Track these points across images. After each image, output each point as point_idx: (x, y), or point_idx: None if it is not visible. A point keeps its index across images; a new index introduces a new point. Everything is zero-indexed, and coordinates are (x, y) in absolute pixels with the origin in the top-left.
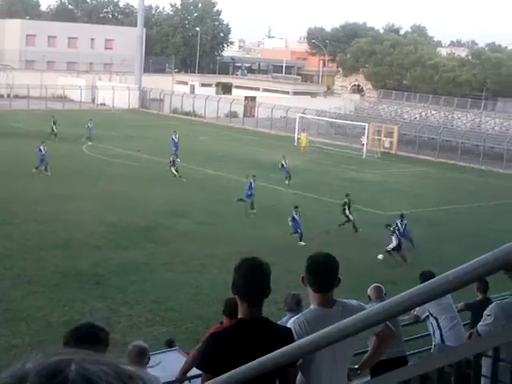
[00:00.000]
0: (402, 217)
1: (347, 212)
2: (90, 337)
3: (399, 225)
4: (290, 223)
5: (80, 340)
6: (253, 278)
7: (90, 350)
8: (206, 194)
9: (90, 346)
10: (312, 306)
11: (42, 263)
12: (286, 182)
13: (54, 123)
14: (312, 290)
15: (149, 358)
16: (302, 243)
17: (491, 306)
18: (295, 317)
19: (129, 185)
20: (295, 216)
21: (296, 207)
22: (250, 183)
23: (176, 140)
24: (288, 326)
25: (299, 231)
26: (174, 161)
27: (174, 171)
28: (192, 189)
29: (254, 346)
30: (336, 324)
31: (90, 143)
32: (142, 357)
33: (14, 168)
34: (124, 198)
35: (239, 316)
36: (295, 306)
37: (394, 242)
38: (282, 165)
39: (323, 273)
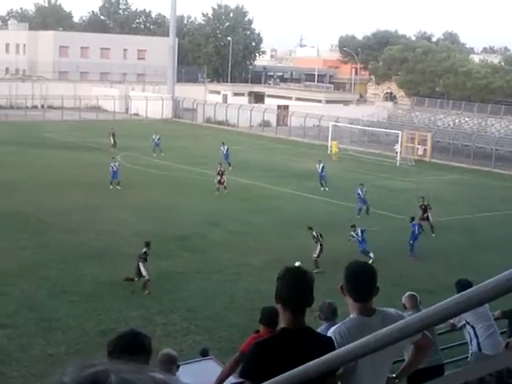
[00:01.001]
0: (353, 226)
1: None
2: (134, 345)
3: (358, 233)
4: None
5: (125, 348)
6: (297, 287)
7: (135, 358)
8: (239, 203)
9: (135, 354)
10: (352, 315)
11: (78, 273)
12: (322, 188)
13: (113, 135)
14: (351, 299)
15: (178, 366)
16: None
17: None
18: (336, 326)
19: (162, 194)
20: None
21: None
22: (359, 192)
23: (225, 152)
24: (328, 335)
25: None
26: (222, 172)
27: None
28: (226, 198)
29: (297, 355)
30: (375, 333)
31: (154, 154)
32: (171, 365)
33: (48, 178)
34: (158, 207)
35: (282, 325)
36: (331, 314)
37: (317, 250)
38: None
39: (362, 282)
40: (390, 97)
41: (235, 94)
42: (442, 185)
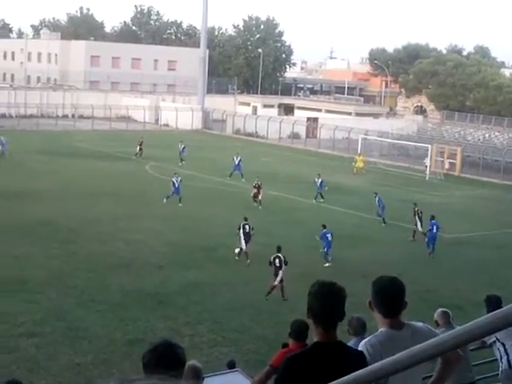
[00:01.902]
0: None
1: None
2: (169, 357)
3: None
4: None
5: (160, 360)
6: (331, 302)
7: (171, 372)
8: (268, 214)
9: (171, 367)
10: (382, 329)
11: (106, 282)
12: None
13: (141, 144)
14: (380, 314)
15: (203, 379)
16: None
17: None
18: (367, 339)
19: (190, 205)
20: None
21: None
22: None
23: (236, 162)
24: (359, 348)
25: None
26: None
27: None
28: (254, 209)
29: (330, 369)
30: (409, 350)
31: (180, 164)
32: (196, 377)
33: (78, 187)
34: (186, 217)
35: (314, 339)
36: (361, 329)
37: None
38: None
39: (391, 297)
40: (420, 110)
41: (265, 106)
42: (471, 200)
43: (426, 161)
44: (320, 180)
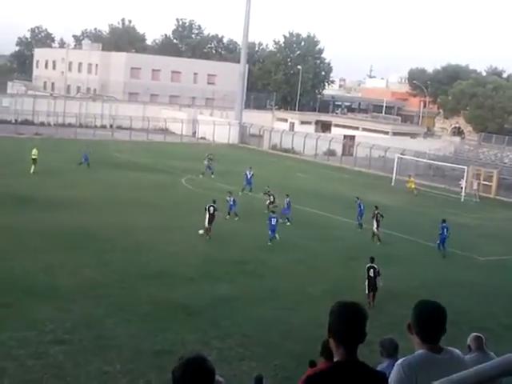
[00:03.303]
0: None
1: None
2: (202, 373)
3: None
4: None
5: (193, 377)
6: (353, 323)
7: None
8: (301, 230)
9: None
10: (421, 351)
11: (137, 292)
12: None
13: (211, 159)
14: (420, 339)
15: None
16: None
17: None
18: (403, 358)
19: (225, 220)
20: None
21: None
22: (443, 229)
23: (249, 176)
24: (395, 367)
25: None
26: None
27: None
28: (288, 225)
29: None
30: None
31: (212, 176)
32: None
33: (115, 197)
34: (218, 230)
35: (335, 359)
36: (393, 351)
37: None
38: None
39: (433, 324)
40: (458, 131)
41: (302, 122)
42: (506, 222)
43: (461, 182)
44: (359, 202)
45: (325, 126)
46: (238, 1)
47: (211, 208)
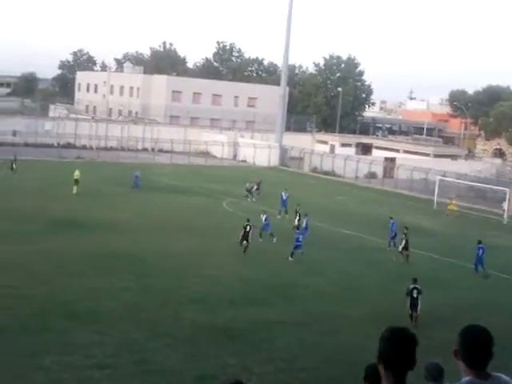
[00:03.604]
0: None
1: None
2: None
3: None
4: None
5: None
6: (404, 350)
7: None
8: (341, 253)
9: None
10: (468, 377)
11: (179, 316)
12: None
13: (258, 184)
14: (466, 365)
15: None
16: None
17: None
18: None
19: (263, 241)
20: None
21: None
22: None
23: (285, 197)
24: None
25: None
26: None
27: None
28: (327, 248)
29: None
30: None
31: (252, 200)
32: None
33: (155, 221)
34: (258, 254)
35: None
36: (438, 375)
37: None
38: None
39: (480, 350)
40: (499, 153)
41: (343, 145)
42: None
43: (504, 204)
44: (392, 222)
45: (365, 149)
46: (278, 23)
47: (247, 226)
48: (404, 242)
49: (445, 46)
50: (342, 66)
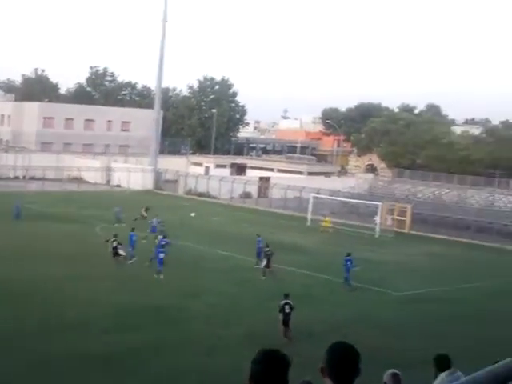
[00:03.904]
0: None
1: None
2: None
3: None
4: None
5: None
6: (275, 372)
7: None
8: (217, 274)
9: None
10: None
11: (53, 346)
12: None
13: (146, 210)
14: (332, 382)
15: None
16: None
17: None
18: None
19: (138, 265)
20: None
21: None
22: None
23: (155, 223)
24: None
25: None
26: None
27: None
28: (203, 270)
29: None
30: None
31: (116, 225)
32: None
33: (26, 249)
34: (135, 278)
35: None
36: None
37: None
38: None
39: (346, 367)
40: (372, 168)
41: (217, 166)
42: (421, 256)
43: (375, 218)
44: (259, 239)
45: (240, 169)
46: (151, 47)
47: (114, 242)
48: (266, 259)
49: (315, 65)
50: (216, 87)
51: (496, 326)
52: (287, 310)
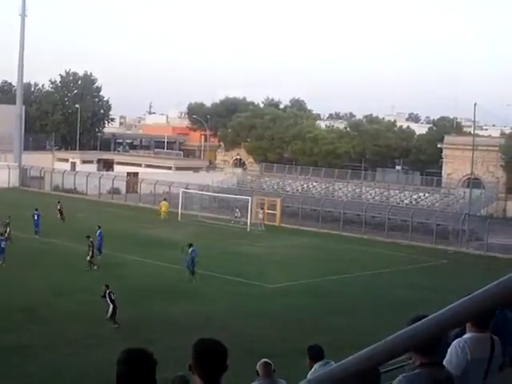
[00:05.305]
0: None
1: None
2: None
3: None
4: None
5: None
6: (141, 372)
7: None
8: (87, 272)
9: None
10: None
11: None
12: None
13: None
14: (199, 378)
15: None
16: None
17: None
18: None
19: (9, 265)
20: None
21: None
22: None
23: (36, 218)
24: None
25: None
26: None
27: None
28: (71, 267)
29: None
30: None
31: None
32: None
33: None
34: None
35: None
36: None
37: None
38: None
39: (213, 363)
40: (240, 163)
41: (84, 162)
42: (293, 249)
43: (237, 211)
44: (99, 231)
45: (107, 165)
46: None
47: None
48: (90, 251)
49: (179, 60)
50: (79, 82)
51: (366, 316)
52: (113, 297)
